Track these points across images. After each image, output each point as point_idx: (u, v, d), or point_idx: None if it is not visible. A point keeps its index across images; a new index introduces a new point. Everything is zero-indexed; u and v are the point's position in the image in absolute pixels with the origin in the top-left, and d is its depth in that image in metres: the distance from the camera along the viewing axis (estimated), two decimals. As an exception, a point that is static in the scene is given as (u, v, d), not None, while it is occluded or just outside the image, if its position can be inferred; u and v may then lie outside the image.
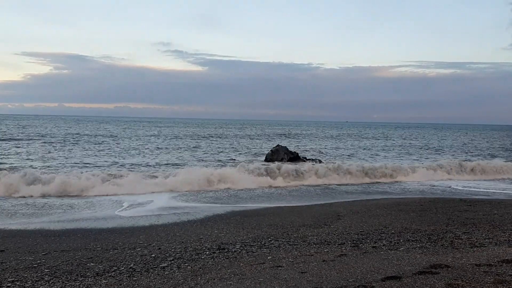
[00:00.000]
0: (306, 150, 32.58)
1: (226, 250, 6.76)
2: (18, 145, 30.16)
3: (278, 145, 25.66)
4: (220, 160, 24.47)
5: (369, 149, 37.27)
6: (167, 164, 21.89)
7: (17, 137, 38.03)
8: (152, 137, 46.57)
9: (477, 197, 13.84)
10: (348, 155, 30.25)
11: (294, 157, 23.37)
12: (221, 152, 30.20)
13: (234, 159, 25.04)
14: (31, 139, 36.20)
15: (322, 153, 31.17)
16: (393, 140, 54.72)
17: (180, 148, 32.72)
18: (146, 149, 30.65)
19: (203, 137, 49.39)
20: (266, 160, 24.43)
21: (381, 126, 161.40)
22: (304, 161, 23.06)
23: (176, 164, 21.62)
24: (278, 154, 23.77)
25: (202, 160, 24.17)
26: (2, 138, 35.91)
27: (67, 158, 23.38)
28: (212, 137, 50.12)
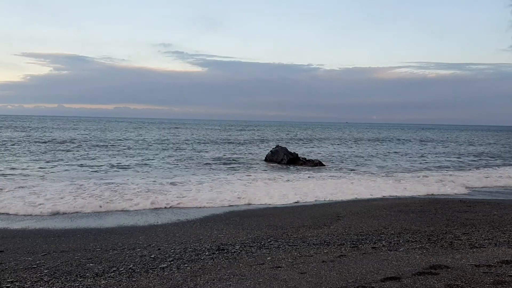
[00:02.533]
0: (312, 151, 32.58)
1: (225, 250, 6.76)
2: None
3: (277, 146, 25.68)
4: (222, 160, 24.44)
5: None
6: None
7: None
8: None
9: (476, 198, 13.83)
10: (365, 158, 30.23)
11: (294, 158, 23.37)
12: (222, 152, 30.19)
13: (235, 159, 25.02)
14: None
15: (321, 154, 31.18)
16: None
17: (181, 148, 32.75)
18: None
19: (208, 141, 49.37)
20: (266, 160, 24.46)
21: (383, 127, 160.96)
22: (304, 162, 23.05)
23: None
24: (278, 155, 23.78)
25: (205, 162, 24.14)
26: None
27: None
28: (214, 139, 50.11)
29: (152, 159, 23.88)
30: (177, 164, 21.81)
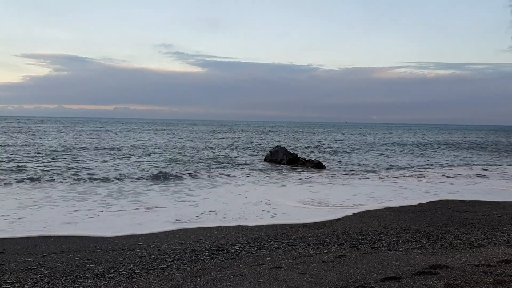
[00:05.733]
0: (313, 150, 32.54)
1: (225, 251, 6.76)
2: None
3: (277, 146, 25.67)
4: (222, 160, 24.43)
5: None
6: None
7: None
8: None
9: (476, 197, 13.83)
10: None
11: (293, 159, 23.36)
12: (222, 152, 30.19)
13: (234, 159, 25.00)
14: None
15: (321, 156, 31.18)
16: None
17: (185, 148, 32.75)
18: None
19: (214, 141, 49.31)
20: (266, 160, 24.46)
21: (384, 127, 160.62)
22: (303, 162, 23.05)
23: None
24: (278, 155, 23.78)
25: (203, 162, 24.14)
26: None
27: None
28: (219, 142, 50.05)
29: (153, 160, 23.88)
30: (173, 165, 21.79)
